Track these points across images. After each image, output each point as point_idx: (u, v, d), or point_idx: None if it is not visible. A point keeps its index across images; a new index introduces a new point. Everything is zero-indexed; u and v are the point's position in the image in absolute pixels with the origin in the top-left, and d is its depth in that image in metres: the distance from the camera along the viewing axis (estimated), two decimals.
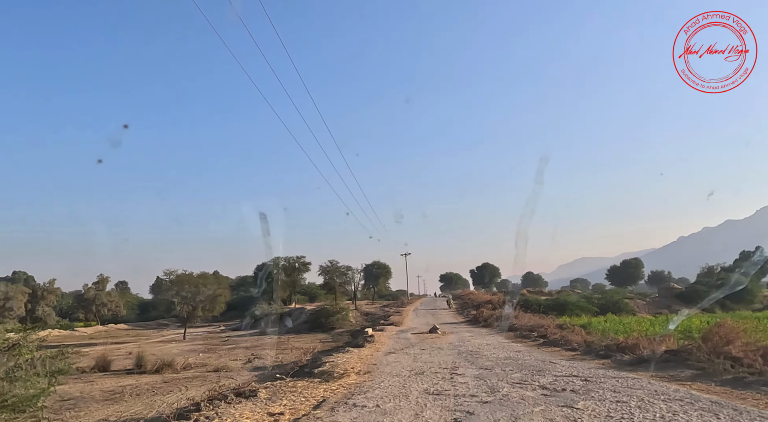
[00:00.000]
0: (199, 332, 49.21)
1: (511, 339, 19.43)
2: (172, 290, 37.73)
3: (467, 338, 20.09)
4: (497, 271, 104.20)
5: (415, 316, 40.62)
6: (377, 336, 20.42)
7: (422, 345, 17.83)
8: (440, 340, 19.47)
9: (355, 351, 15.33)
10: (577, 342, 15.17)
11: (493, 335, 21.66)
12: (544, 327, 19.97)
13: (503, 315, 27.85)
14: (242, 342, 36.15)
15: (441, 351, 15.70)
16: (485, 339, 19.31)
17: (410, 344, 18.16)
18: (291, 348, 28.18)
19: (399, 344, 18.18)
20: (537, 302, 42.47)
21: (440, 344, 17.88)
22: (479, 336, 20.89)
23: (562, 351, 14.79)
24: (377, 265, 66.88)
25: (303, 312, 45.37)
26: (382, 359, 13.82)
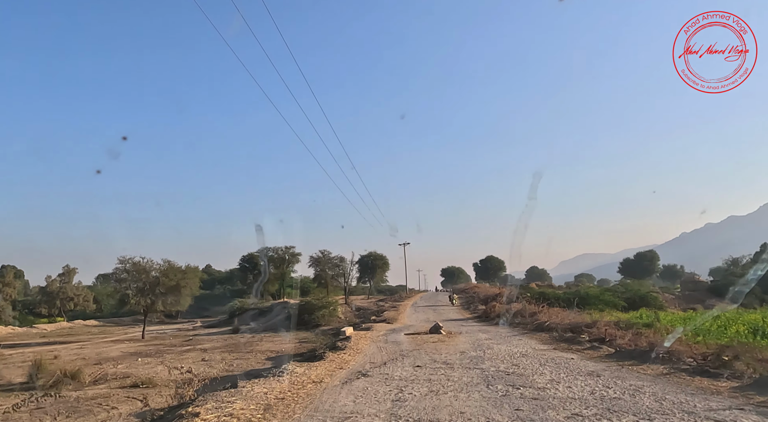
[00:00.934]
0: (168, 329, 43.60)
1: (549, 343, 13.69)
2: (124, 282, 31.97)
3: (484, 341, 14.38)
4: (502, 264, 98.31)
5: (412, 312, 34.87)
6: (357, 339, 14.78)
7: (418, 354, 12.09)
8: (446, 346, 13.75)
9: (299, 371, 9.42)
10: (693, 356, 9.14)
11: (518, 336, 15.91)
12: (591, 326, 14.15)
13: (522, 310, 22.13)
14: (208, 341, 30.53)
15: (450, 370, 9.81)
16: (513, 345, 13.57)
17: (400, 353, 12.58)
18: (255, 352, 22.78)
19: (382, 353, 12.63)
20: (554, 295, 36.39)
21: (447, 354, 12.18)
22: (501, 339, 15.15)
23: (683, 376, 8.65)
24: (373, 256, 60.86)
25: (286, 307, 39.60)
26: (325, 400, 7.47)
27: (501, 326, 21.92)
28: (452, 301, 39.21)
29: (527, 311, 21.78)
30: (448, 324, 21.04)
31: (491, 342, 14.09)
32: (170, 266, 34.36)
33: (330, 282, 58.07)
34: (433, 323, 19.44)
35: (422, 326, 21.10)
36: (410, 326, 22.09)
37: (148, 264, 33.20)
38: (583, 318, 17.26)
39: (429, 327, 18.94)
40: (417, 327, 20.61)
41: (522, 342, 13.96)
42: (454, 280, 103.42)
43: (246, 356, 21.63)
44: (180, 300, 34.01)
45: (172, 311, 35.24)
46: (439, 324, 18.02)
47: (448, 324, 21.44)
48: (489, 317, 27.09)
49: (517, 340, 14.66)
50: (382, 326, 21.71)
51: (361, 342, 14.64)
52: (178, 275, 33.68)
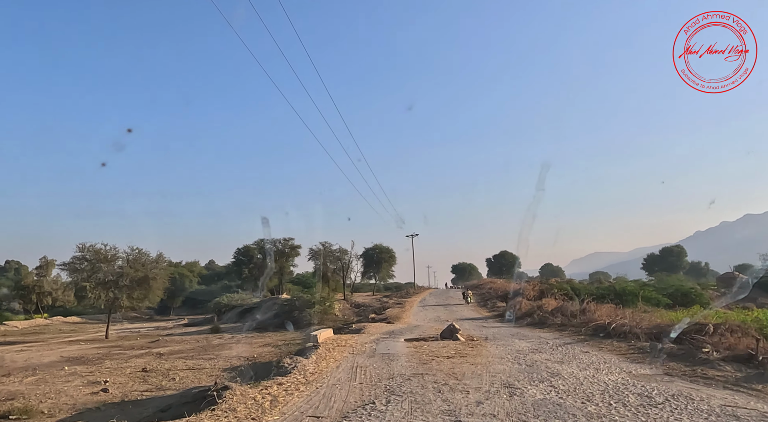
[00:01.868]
0: (145, 327, 38.94)
1: (640, 360, 8.39)
2: (81, 273, 27.24)
3: (530, 356, 9.35)
4: (516, 260, 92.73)
5: (420, 309, 29.83)
6: (328, 350, 9.86)
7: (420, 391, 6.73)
8: (470, 365, 8.42)
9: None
10: None
11: (574, 345, 10.90)
12: (702, 331, 8.99)
13: (562, 308, 17.02)
14: (177, 342, 25.81)
15: None
16: (583, 364, 8.27)
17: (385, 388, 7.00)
18: (220, 358, 18.11)
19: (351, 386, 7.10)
20: (586, 290, 30.74)
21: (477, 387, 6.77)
22: (553, 351, 10.09)
23: None
24: (379, 249, 55.56)
25: (276, 304, 34.70)
26: None
27: (530, 326, 16.82)
28: (467, 299, 33.88)
29: (568, 310, 16.63)
30: (464, 324, 16.05)
31: (544, 358, 8.91)
32: (139, 254, 29.58)
33: (331, 277, 52.95)
34: (446, 323, 14.42)
35: (431, 327, 16.15)
36: (416, 327, 17.10)
37: (112, 252, 28.45)
38: (662, 319, 12.09)
39: (440, 329, 13.91)
40: (424, 329, 15.63)
41: (594, 358, 8.76)
42: (465, 277, 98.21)
43: (204, 364, 16.85)
44: (149, 295, 29.18)
45: (141, 307, 30.42)
46: (455, 326, 12.95)
47: (466, 324, 16.49)
48: (514, 316, 22.03)
49: (580, 353, 9.52)
50: (379, 327, 16.75)
51: (331, 355, 9.54)
52: (146, 266, 28.86)
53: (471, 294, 35.49)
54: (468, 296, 34.34)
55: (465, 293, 35.74)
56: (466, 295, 34.98)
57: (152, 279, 28.92)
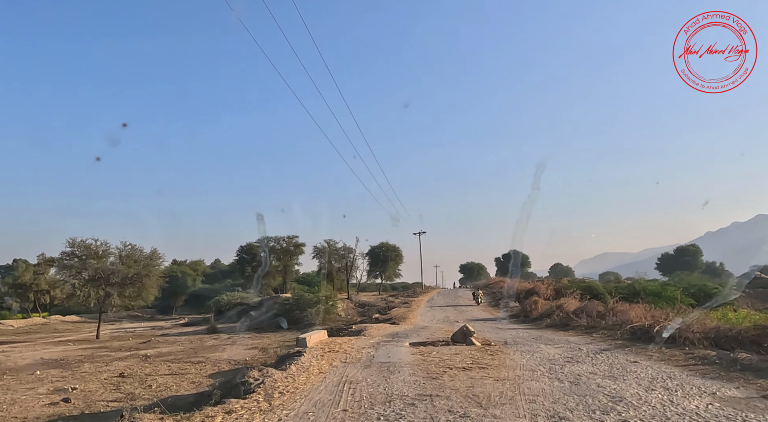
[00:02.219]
0: (142, 327, 37.53)
1: (707, 375, 6.51)
2: (71, 270, 25.80)
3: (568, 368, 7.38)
4: (527, 259, 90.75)
5: (428, 309, 28.14)
6: (315, 357, 8.20)
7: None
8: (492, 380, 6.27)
9: None
10: None
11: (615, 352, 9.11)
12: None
13: (586, 308, 15.29)
14: (168, 343, 24.31)
15: None
16: (645, 381, 6.09)
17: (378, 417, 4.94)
18: (209, 361, 16.59)
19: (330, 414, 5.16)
20: (605, 290, 28.79)
21: None
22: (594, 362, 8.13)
23: None
24: (385, 247, 53.83)
25: (277, 303, 33.14)
26: None
27: (551, 328, 15.07)
28: (478, 300, 31.16)
29: (593, 310, 14.85)
30: (477, 325, 14.32)
31: (587, 371, 6.88)
32: (132, 250, 28.10)
33: (336, 276, 51.27)
34: (457, 325, 12.72)
35: (440, 329, 14.48)
36: (423, 329, 15.41)
37: (103, 248, 26.99)
38: (718, 321, 10.29)
39: (450, 331, 12.22)
40: (432, 331, 13.93)
41: (652, 372, 6.70)
42: (474, 277, 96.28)
43: (189, 369, 15.27)
44: (143, 293, 27.68)
45: (134, 306, 28.93)
46: (468, 328, 11.21)
47: (478, 326, 14.78)
48: (528, 316, 20.32)
49: (628, 363, 7.66)
50: (383, 328, 15.06)
51: (317, 365, 7.74)
52: (140, 263, 27.36)
53: (482, 295, 32.77)
54: (478, 296, 31.71)
55: (475, 294, 33.02)
56: (476, 295, 32.29)
57: (145, 277, 27.42)
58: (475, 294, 32.56)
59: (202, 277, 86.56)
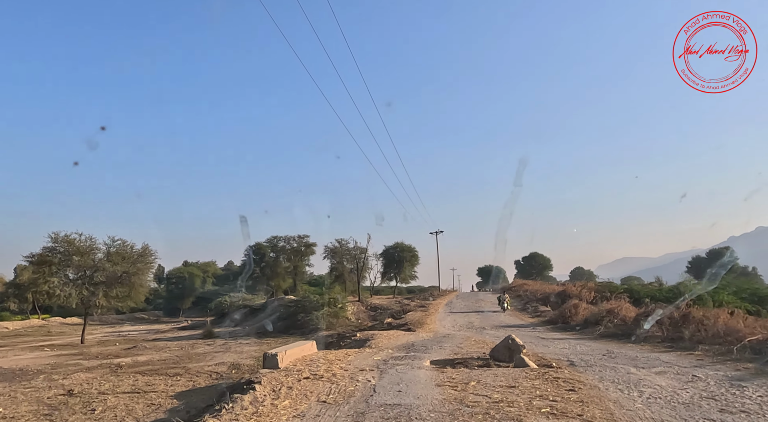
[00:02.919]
0: (139, 330, 35.04)
1: None
2: (51, 267, 23.28)
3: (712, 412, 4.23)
4: (548, 262, 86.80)
5: (447, 314, 25.09)
6: (288, 383, 5.10)
7: None
8: None
9: None
10: None
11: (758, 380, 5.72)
12: None
13: (645, 314, 12.17)
14: (158, 349, 21.62)
15: None
16: None
17: None
18: (190, 374, 13.81)
19: None
20: (646, 293, 25.16)
21: None
22: (748, 400, 4.95)
23: None
24: (400, 247, 50.46)
25: (281, 305, 30.35)
26: None
27: (603, 340, 11.94)
28: (504, 305, 26.22)
29: (664, 317, 11.65)
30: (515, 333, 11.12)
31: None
32: (122, 246, 25.52)
33: (348, 278, 48.11)
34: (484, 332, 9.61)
35: (467, 339, 11.45)
36: (446, 338, 12.34)
37: (88, 243, 24.45)
38: None
39: (482, 341, 9.16)
40: (458, 342, 10.90)
41: None
42: (492, 280, 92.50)
43: (159, 385, 12.44)
44: (131, 294, 25.04)
45: (122, 308, 26.33)
46: (515, 340, 8.03)
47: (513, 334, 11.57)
48: (568, 322, 17.16)
49: None
50: (395, 337, 12.05)
51: (277, 406, 4.80)
52: (128, 260, 24.75)
53: (509, 299, 27.78)
54: (505, 301, 26.66)
55: (501, 298, 27.63)
56: (502, 300, 27.06)
57: (134, 275, 24.76)
58: (500, 298, 27.86)
59: (213, 279, 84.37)
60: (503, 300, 26.64)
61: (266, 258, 56.87)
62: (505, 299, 26.56)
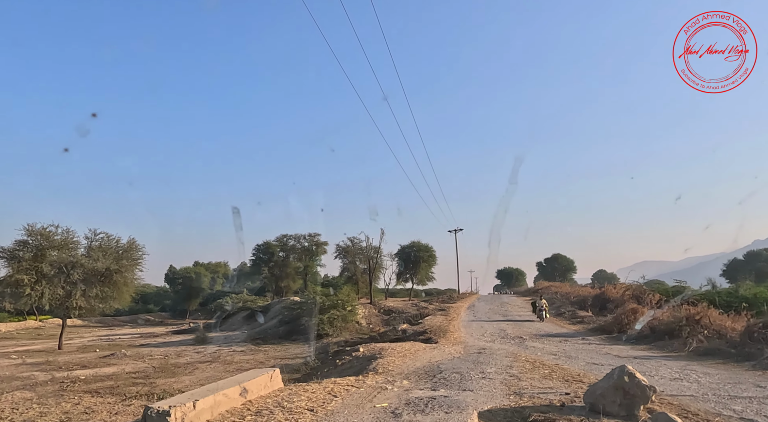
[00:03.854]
0: (131, 334, 32.32)
1: None
2: (21, 262, 20.61)
3: None
4: (572, 264, 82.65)
5: (471, 319, 21.87)
6: None
7: None
8: None
9: None
10: None
11: None
12: None
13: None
14: (136, 358, 18.71)
15: None
16: None
17: None
18: (143, 395, 10.66)
19: None
20: (700, 296, 21.24)
21: None
22: None
23: None
24: (417, 246, 47.04)
25: (285, 307, 27.29)
26: None
27: (707, 359, 8.62)
28: (542, 312, 21.46)
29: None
30: (561, 347, 7.90)
31: None
32: (107, 240, 22.85)
33: (361, 278, 44.84)
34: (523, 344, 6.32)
35: (515, 356, 8.29)
36: (481, 354, 9.14)
37: (65, 237, 21.76)
38: None
39: (537, 361, 5.96)
40: (505, 364, 7.70)
41: None
42: (512, 283, 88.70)
43: (100, 412, 9.44)
44: (115, 294, 22.22)
45: (104, 309, 23.51)
46: (635, 376, 4.55)
47: (566, 348, 8.33)
48: (625, 331, 13.84)
49: None
50: (412, 353, 8.85)
51: None
52: (110, 256, 21.97)
53: (547, 306, 22.47)
54: (543, 308, 21.67)
55: (537, 304, 22.65)
56: (538, 306, 22.20)
57: (117, 273, 21.92)
58: (536, 305, 22.81)
59: (223, 279, 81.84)
60: (540, 307, 21.99)
61: (275, 258, 54.09)
62: (543, 306, 21.86)
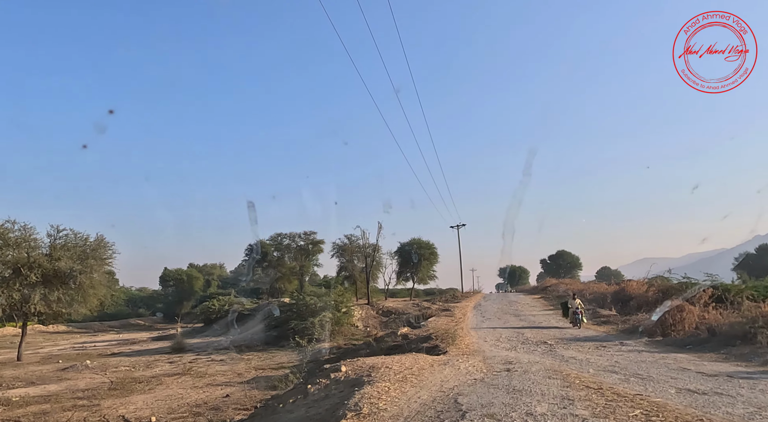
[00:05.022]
0: (109, 341, 29.77)
1: None
2: None
3: None
4: (577, 261, 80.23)
5: (480, 320, 19.49)
6: None
7: None
8: None
9: None
10: None
11: None
12: None
13: None
14: (98, 370, 16.27)
15: None
16: None
17: None
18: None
19: None
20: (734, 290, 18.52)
21: None
22: None
23: None
24: (417, 243, 44.17)
25: (275, 311, 24.80)
26: None
27: None
28: (576, 316, 16.36)
29: None
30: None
31: None
32: (71, 238, 20.41)
33: (359, 277, 42.32)
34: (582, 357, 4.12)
35: (560, 374, 5.86)
36: (512, 374, 6.64)
37: (24, 235, 19.35)
38: None
39: (600, 387, 3.70)
40: (555, 392, 5.20)
41: None
42: (515, 281, 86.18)
43: None
44: (79, 298, 19.77)
45: (66, 315, 21.05)
46: None
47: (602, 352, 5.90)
48: (669, 335, 11.48)
49: None
50: (415, 375, 6.37)
51: None
52: (74, 256, 19.52)
53: (583, 308, 17.19)
54: (578, 310, 16.46)
55: (570, 305, 17.19)
56: (572, 308, 16.82)
57: (81, 274, 19.44)
58: (567, 305, 17.48)
59: (218, 281, 79.17)
60: (574, 308, 16.69)
61: (269, 257, 51.64)
62: (578, 307, 16.59)
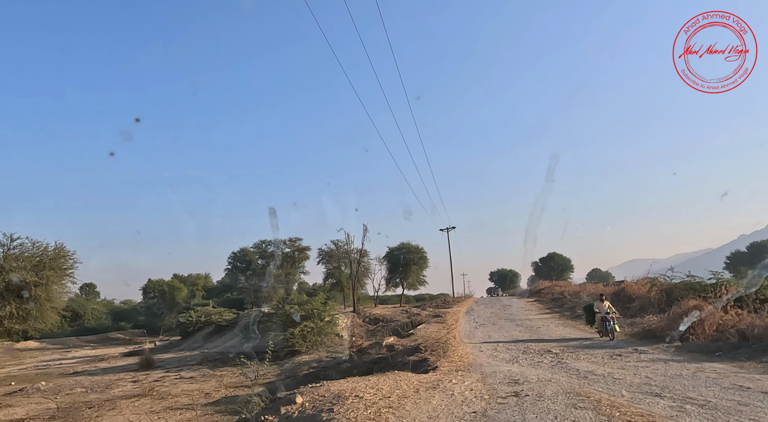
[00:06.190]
0: (79, 358, 27.86)
1: None
2: None
3: None
4: (568, 263, 79.12)
5: (473, 326, 18.16)
6: None
7: None
8: None
9: None
10: None
11: None
12: None
13: None
14: (46, 393, 14.55)
15: None
16: None
17: None
18: None
19: None
20: None
21: None
22: None
23: None
24: (406, 248, 42.63)
25: (257, 320, 23.22)
26: None
27: None
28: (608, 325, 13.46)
29: None
30: None
31: None
32: (27, 248, 18.72)
33: (347, 284, 40.67)
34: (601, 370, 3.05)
35: (617, 416, 4.43)
36: (519, 395, 5.29)
37: None
38: None
39: None
40: None
41: None
42: (506, 285, 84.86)
43: None
44: (34, 312, 18.04)
45: (19, 330, 19.26)
46: None
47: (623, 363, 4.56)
48: (688, 340, 10.14)
49: None
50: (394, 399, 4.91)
51: None
52: (27, 266, 17.83)
53: (615, 314, 14.20)
54: (610, 316, 13.62)
55: (598, 308, 14.36)
56: (599, 311, 14.18)
57: (36, 286, 17.75)
58: (594, 310, 14.67)
59: (203, 292, 76.85)
60: (603, 313, 14.00)
61: (253, 266, 49.94)
62: (610, 313, 13.81)
